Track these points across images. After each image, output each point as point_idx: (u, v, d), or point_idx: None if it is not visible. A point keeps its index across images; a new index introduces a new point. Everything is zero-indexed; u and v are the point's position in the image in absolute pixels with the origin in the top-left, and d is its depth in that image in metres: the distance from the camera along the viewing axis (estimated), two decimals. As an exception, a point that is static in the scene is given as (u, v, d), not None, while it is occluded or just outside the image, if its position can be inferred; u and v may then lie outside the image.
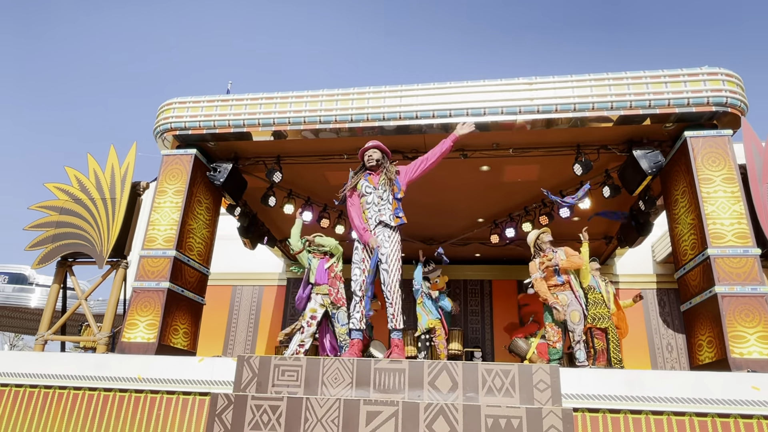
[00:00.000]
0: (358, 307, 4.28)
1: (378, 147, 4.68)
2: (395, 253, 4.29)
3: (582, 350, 5.09)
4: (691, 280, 5.25)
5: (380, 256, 4.25)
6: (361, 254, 4.38)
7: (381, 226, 4.38)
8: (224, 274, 10.30)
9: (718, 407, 3.55)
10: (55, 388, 4.44)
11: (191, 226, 6.02)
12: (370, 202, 4.45)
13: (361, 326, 4.29)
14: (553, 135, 5.81)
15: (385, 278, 4.24)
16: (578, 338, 5.10)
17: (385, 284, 4.25)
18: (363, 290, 4.27)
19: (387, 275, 4.23)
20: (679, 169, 5.52)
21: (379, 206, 4.40)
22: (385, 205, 4.39)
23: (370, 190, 4.49)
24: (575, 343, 5.10)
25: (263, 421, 3.53)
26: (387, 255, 4.25)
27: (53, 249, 5.79)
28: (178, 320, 5.70)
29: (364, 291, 4.27)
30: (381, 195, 4.43)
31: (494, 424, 3.34)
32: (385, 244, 4.28)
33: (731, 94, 5.17)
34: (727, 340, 4.53)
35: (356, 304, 4.30)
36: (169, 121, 6.10)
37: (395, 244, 4.32)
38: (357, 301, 4.30)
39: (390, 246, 4.28)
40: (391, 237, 4.32)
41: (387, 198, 4.42)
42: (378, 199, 4.42)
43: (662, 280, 9.77)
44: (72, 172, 6.07)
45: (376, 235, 4.33)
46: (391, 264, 4.24)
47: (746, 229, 4.86)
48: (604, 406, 3.62)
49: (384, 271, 4.25)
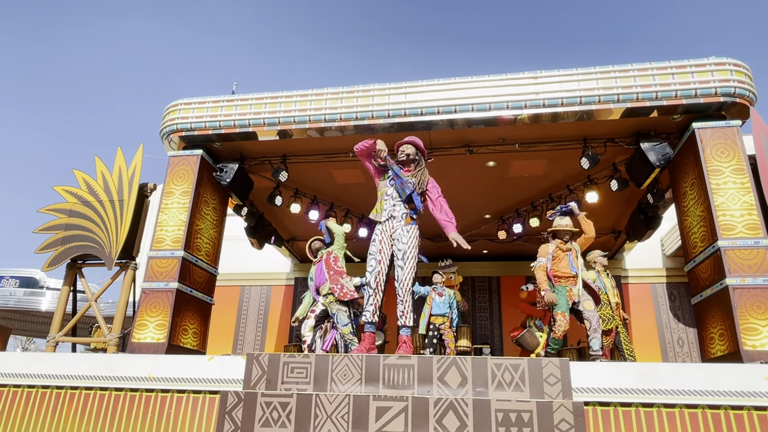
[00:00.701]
0: (371, 300, 4.17)
1: (413, 143, 4.50)
2: (412, 250, 4.20)
3: (598, 339, 4.88)
4: (701, 272, 5.20)
5: (397, 252, 4.18)
6: (378, 245, 4.26)
7: (393, 220, 4.31)
8: (232, 274, 10.35)
9: (731, 399, 3.52)
10: (66, 388, 4.47)
11: (199, 227, 6.04)
12: (389, 195, 4.35)
13: (374, 319, 4.17)
14: (560, 129, 5.78)
15: (399, 275, 4.16)
16: (595, 326, 4.87)
17: (398, 281, 4.17)
18: (377, 284, 4.16)
19: (401, 272, 4.15)
20: (687, 161, 5.47)
21: (395, 201, 4.31)
22: (400, 204, 4.30)
23: (395, 184, 4.35)
24: (592, 331, 4.88)
25: (273, 418, 3.53)
26: (404, 251, 4.17)
27: (63, 251, 5.83)
28: (187, 320, 5.73)
29: (378, 285, 4.16)
30: (400, 193, 4.29)
31: (504, 418, 3.33)
32: (403, 239, 4.19)
33: (739, 84, 5.12)
34: (739, 333, 4.48)
35: (369, 296, 4.19)
36: (175, 122, 6.13)
37: (413, 240, 4.22)
38: (371, 293, 4.19)
39: (408, 242, 4.19)
40: (410, 231, 4.22)
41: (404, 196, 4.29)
42: (396, 197, 4.31)
43: (672, 273, 9.69)
44: (80, 175, 6.11)
45: (395, 228, 4.25)
46: (407, 261, 4.16)
47: (757, 220, 4.81)
48: (615, 399, 3.59)
49: (399, 268, 4.17)
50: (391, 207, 4.33)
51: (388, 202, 4.35)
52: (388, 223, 4.30)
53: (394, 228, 4.27)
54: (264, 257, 10.28)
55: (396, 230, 4.26)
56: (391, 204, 4.33)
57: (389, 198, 4.35)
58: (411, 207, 4.31)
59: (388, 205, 4.34)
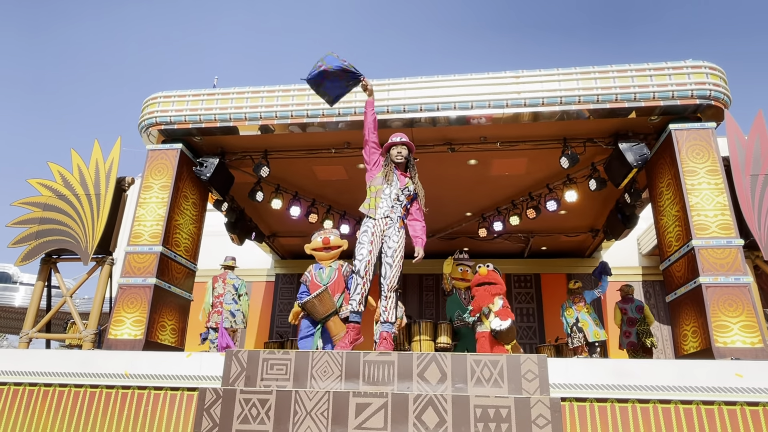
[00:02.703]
0: (359, 289, 4.15)
1: (407, 144, 4.50)
2: (401, 251, 4.29)
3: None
4: (676, 271, 5.32)
5: (387, 249, 4.25)
6: (370, 237, 4.25)
7: (388, 219, 4.33)
8: (212, 270, 10.20)
9: (702, 395, 3.60)
10: (40, 385, 4.38)
11: (178, 222, 5.96)
12: (386, 194, 4.36)
13: (360, 309, 4.18)
14: (540, 128, 5.84)
15: (387, 272, 4.22)
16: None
17: (385, 277, 4.22)
18: (366, 272, 4.17)
19: (389, 269, 4.21)
20: (664, 162, 5.58)
21: (393, 204, 4.35)
22: (398, 207, 4.36)
23: (393, 185, 4.38)
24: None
25: (252, 415, 3.51)
26: (394, 249, 4.24)
27: (37, 246, 5.71)
28: (165, 316, 5.66)
29: (367, 273, 4.17)
30: (399, 197, 4.36)
31: (483, 414, 3.36)
32: (394, 237, 4.27)
33: (714, 87, 5.23)
34: (711, 330, 4.60)
35: (358, 285, 4.17)
36: (154, 115, 6.03)
37: (402, 241, 4.33)
38: (359, 282, 4.17)
39: (398, 241, 4.28)
40: (400, 233, 4.33)
41: (403, 202, 4.38)
42: (395, 199, 4.36)
43: (648, 272, 9.89)
44: (55, 168, 5.98)
45: (388, 225, 4.30)
46: (395, 259, 4.24)
47: (729, 221, 4.94)
48: (591, 395, 3.66)
49: (387, 265, 4.23)
50: (388, 208, 4.35)
51: (385, 201, 4.36)
52: (382, 221, 4.33)
53: (388, 226, 4.31)
54: (244, 253, 10.19)
55: (389, 228, 4.30)
56: (388, 204, 4.35)
57: (386, 198, 4.36)
58: (405, 212, 4.41)
59: (385, 204, 4.35)
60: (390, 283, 4.20)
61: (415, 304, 10.03)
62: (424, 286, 10.27)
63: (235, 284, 7.14)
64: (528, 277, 10.28)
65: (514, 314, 5.38)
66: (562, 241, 9.41)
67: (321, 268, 5.18)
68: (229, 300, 7.00)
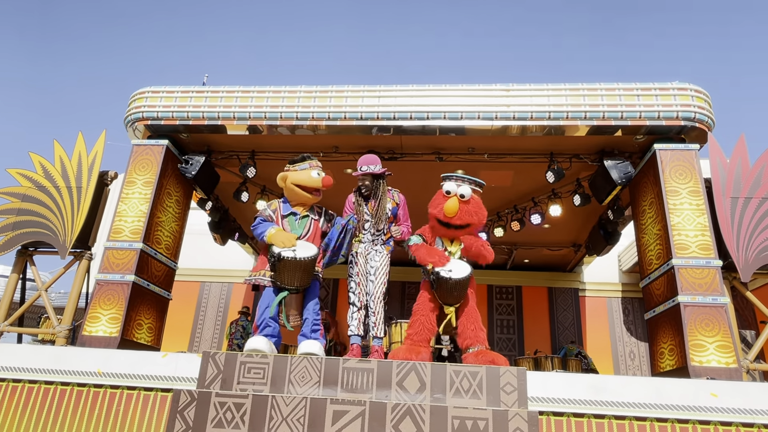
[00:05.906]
0: (356, 315, 4.44)
1: (371, 173, 4.58)
2: (384, 268, 4.51)
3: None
4: (655, 289, 5.38)
5: (369, 269, 4.49)
6: (356, 268, 4.51)
7: (368, 243, 4.58)
8: (193, 269, 10.11)
9: (677, 413, 3.64)
10: (8, 381, 4.26)
11: (160, 219, 5.88)
12: (366, 229, 4.59)
13: (359, 332, 4.41)
14: (528, 142, 5.88)
15: (371, 288, 4.44)
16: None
17: (369, 294, 4.44)
18: (361, 302, 4.45)
19: (373, 286, 4.43)
20: (647, 181, 5.66)
21: (374, 236, 4.57)
22: (379, 237, 4.57)
23: (368, 218, 4.59)
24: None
25: (227, 419, 3.45)
26: (376, 268, 4.48)
27: (13, 237, 5.57)
28: (142, 315, 5.55)
29: (362, 302, 4.45)
30: (377, 225, 4.55)
31: (461, 425, 3.34)
32: (376, 257, 4.51)
33: (699, 109, 5.33)
34: (688, 349, 4.65)
35: (354, 313, 4.45)
36: (140, 110, 5.95)
37: (385, 260, 4.54)
38: (354, 311, 4.45)
39: (380, 261, 4.51)
40: (380, 253, 4.54)
41: (382, 229, 4.58)
42: (373, 229, 4.56)
43: (627, 288, 10.01)
44: (36, 159, 5.86)
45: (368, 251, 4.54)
46: (378, 276, 4.45)
47: (709, 241, 5.01)
48: (568, 410, 3.67)
49: (371, 282, 4.45)
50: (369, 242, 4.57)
51: (366, 236, 4.59)
52: (366, 245, 4.57)
53: (368, 252, 4.55)
54: (227, 253, 10.08)
55: (369, 253, 4.55)
56: (369, 239, 4.57)
57: (366, 232, 4.59)
58: (387, 236, 4.63)
59: (366, 238, 4.58)
60: (375, 299, 4.41)
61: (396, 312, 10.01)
62: (407, 295, 10.26)
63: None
64: (510, 289, 10.34)
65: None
66: (544, 254, 9.48)
67: (295, 213, 4.29)
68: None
